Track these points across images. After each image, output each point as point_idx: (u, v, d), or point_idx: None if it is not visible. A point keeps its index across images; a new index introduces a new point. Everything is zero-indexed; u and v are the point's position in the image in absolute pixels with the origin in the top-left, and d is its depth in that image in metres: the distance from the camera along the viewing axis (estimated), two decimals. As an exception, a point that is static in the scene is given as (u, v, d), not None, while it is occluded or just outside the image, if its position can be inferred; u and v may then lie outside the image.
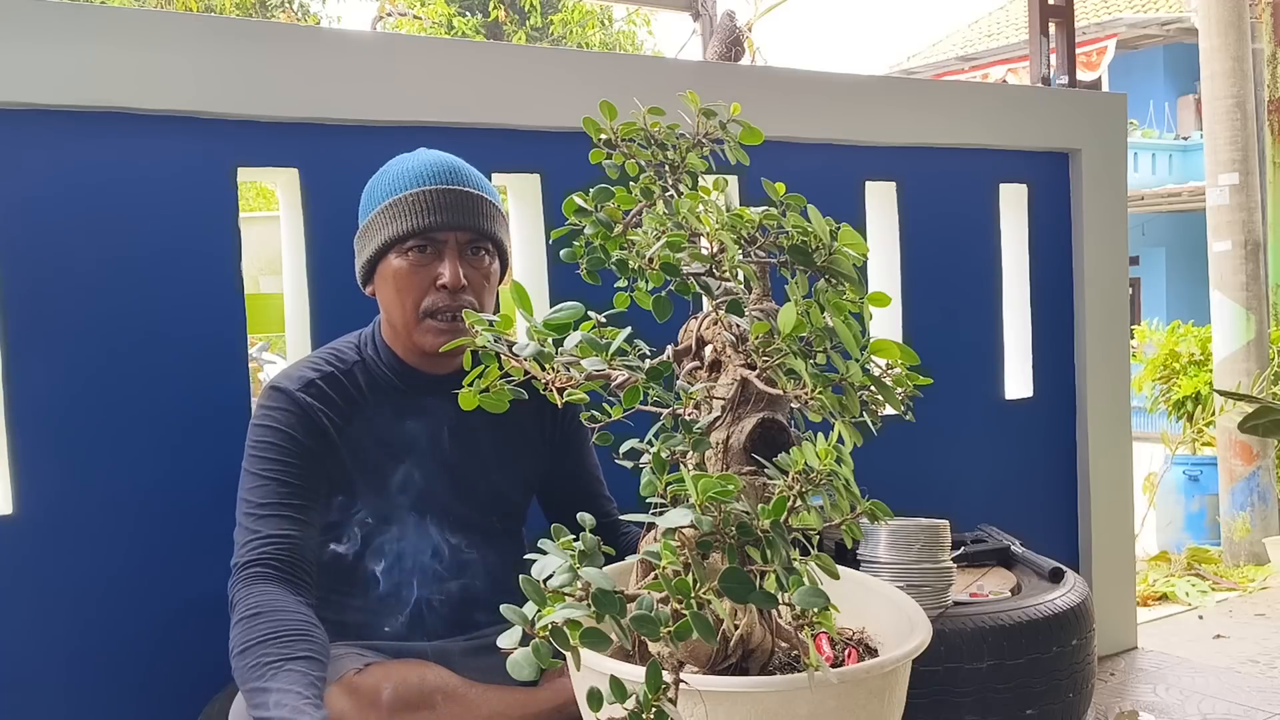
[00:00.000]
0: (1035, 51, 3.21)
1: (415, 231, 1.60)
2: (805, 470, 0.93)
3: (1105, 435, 2.99)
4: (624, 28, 14.34)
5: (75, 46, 1.77)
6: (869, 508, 0.95)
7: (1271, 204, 5.97)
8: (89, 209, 1.80)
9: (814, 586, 0.92)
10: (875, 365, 0.99)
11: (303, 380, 1.61)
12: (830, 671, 0.95)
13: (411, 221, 1.60)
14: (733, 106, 1.17)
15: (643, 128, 1.15)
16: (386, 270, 1.63)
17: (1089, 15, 13.69)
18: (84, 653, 1.80)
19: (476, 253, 1.64)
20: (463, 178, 1.65)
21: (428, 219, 1.60)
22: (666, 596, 0.87)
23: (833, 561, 0.97)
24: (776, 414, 1.07)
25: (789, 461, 0.94)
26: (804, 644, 1.00)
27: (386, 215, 1.62)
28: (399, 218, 1.60)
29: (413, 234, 1.60)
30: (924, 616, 1.14)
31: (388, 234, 1.61)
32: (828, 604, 0.92)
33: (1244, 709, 2.51)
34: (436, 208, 1.60)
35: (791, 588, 0.90)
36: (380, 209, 1.63)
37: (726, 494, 0.89)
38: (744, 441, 1.06)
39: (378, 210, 1.63)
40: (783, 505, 0.91)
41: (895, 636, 1.14)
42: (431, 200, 1.60)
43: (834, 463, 0.93)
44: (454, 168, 1.65)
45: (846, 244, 1.03)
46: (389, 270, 1.62)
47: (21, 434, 1.76)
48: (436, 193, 1.61)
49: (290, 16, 14.37)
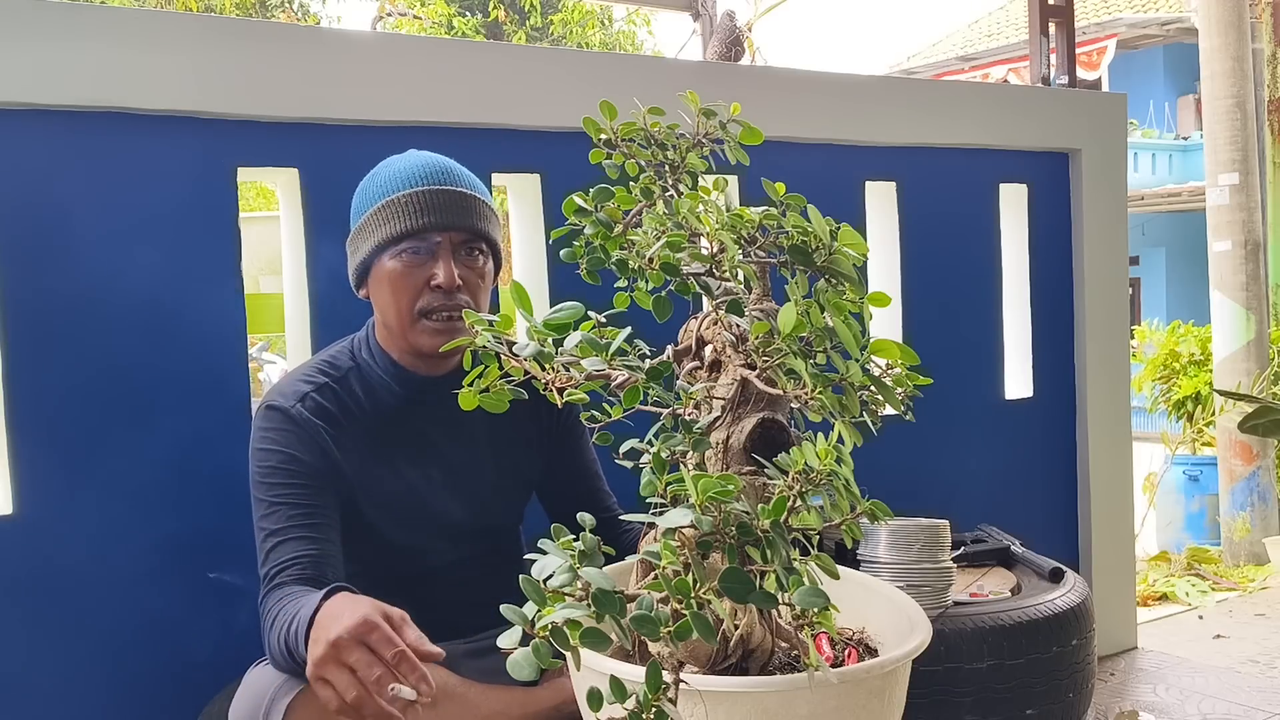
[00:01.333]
0: (1035, 51, 3.21)
1: (409, 232, 1.60)
2: (805, 470, 0.93)
3: (1105, 435, 2.99)
4: (624, 28, 14.34)
5: (75, 46, 1.76)
6: (869, 508, 0.95)
7: (1271, 204, 5.98)
8: (89, 209, 1.80)
9: (814, 586, 0.92)
10: (875, 365, 0.99)
11: (298, 395, 1.60)
12: (830, 671, 0.95)
13: (405, 223, 1.60)
14: (733, 106, 1.17)
15: (643, 128, 1.15)
16: (381, 272, 1.63)
17: (1089, 15, 13.69)
18: (84, 653, 1.79)
19: (470, 253, 1.64)
20: (455, 178, 1.65)
21: (421, 219, 1.60)
22: (666, 596, 0.87)
23: (833, 561, 0.97)
24: (776, 414, 1.07)
25: (789, 461, 0.94)
26: (804, 644, 1.00)
27: (380, 217, 1.61)
28: (392, 219, 1.60)
29: (407, 235, 1.60)
30: (924, 616, 1.14)
31: (381, 235, 1.61)
32: (828, 604, 0.92)
33: (1244, 709, 2.51)
34: (430, 208, 1.60)
35: (791, 588, 0.90)
36: (373, 211, 1.62)
37: (726, 494, 0.89)
38: (744, 441, 1.06)
39: (371, 212, 1.63)
40: (783, 505, 0.91)
41: (895, 636, 1.14)
42: (425, 201, 1.60)
43: (834, 463, 0.93)
44: (446, 168, 1.65)
45: (846, 244, 1.03)
46: (383, 272, 1.62)
47: (21, 434, 1.76)
48: (429, 193, 1.61)
49: (290, 16, 14.38)
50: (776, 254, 1.07)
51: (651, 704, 0.82)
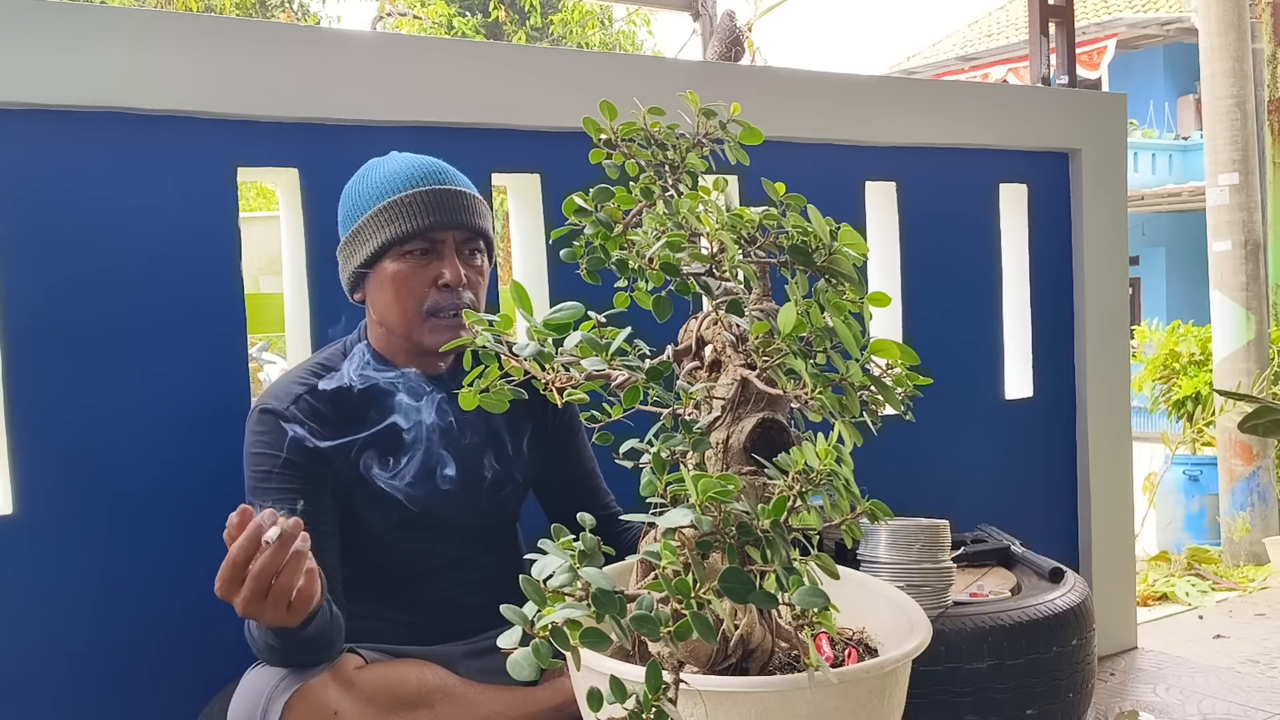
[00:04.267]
0: (1035, 51, 3.21)
1: (416, 232, 1.60)
2: (805, 470, 0.93)
3: (1105, 435, 2.99)
4: (624, 28, 14.33)
5: (75, 46, 1.76)
6: (869, 508, 0.95)
7: (1271, 204, 5.97)
8: (89, 209, 1.80)
9: (814, 586, 0.92)
10: (875, 365, 0.99)
11: (291, 397, 1.60)
12: (830, 671, 0.95)
13: (412, 222, 1.60)
14: (733, 106, 1.17)
15: (643, 128, 1.15)
16: (383, 274, 1.62)
17: (1089, 15, 13.69)
18: (84, 653, 1.79)
19: (471, 251, 1.65)
20: (452, 177, 1.66)
21: (428, 219, 1.60)
22: (666, 596, 0.87)
23: (833, 561, 0.97)
24: (776, 414, 1.07)
25: (789, 461, 0.94)
26: (804, 644, 1.00)
27: (382, 219, 1.61)
28: (397, 220, 1.60)
29: (414, 234, 1.60)
30: (924, 616, 1.14)
31: (385, 236, 1.60)
32: (828, 604, 0.92)
33: (1244, 709, 2.51)
34: (435, 208, 1.60)
35: (791, 588, 0.90)
36: (373, 213, 1.62)
37: (726, 494, 0.89)
38: (744, 441, 1.06)
39: (368, 216, 1.62)
40: (783, 505, 0.91)
41: (895, 636, 1.14)
42: (429, 200, 1.61)
43: (834, 462, 0.93)
44: (441, 168, 1.66)
45: (846, 244, 1.03)
46: (386, 274, 1.62)
47: (21, 434, 1.76)
48: (431, 193, 1.61)
49: (290, 16, 14.37)
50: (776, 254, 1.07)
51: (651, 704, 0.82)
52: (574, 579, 0.85)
